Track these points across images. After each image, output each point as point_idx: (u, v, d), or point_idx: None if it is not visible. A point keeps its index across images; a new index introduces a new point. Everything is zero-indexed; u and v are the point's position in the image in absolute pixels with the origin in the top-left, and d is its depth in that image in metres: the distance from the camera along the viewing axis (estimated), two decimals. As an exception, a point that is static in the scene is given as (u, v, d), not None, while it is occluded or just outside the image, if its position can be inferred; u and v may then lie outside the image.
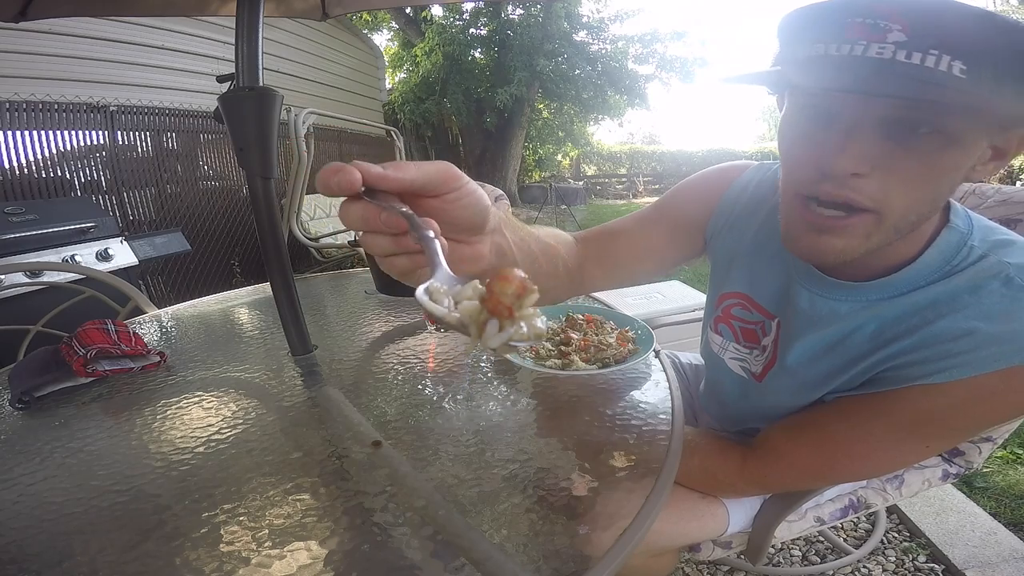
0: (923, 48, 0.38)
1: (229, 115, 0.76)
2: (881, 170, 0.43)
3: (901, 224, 0.45)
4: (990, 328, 0.44)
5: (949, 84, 0.38)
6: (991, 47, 0.38)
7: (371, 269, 1.19)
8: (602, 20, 10.15)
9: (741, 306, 0.68)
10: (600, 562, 0.40)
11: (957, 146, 0.42)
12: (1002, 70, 0.38)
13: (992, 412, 0.46)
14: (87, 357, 0.77)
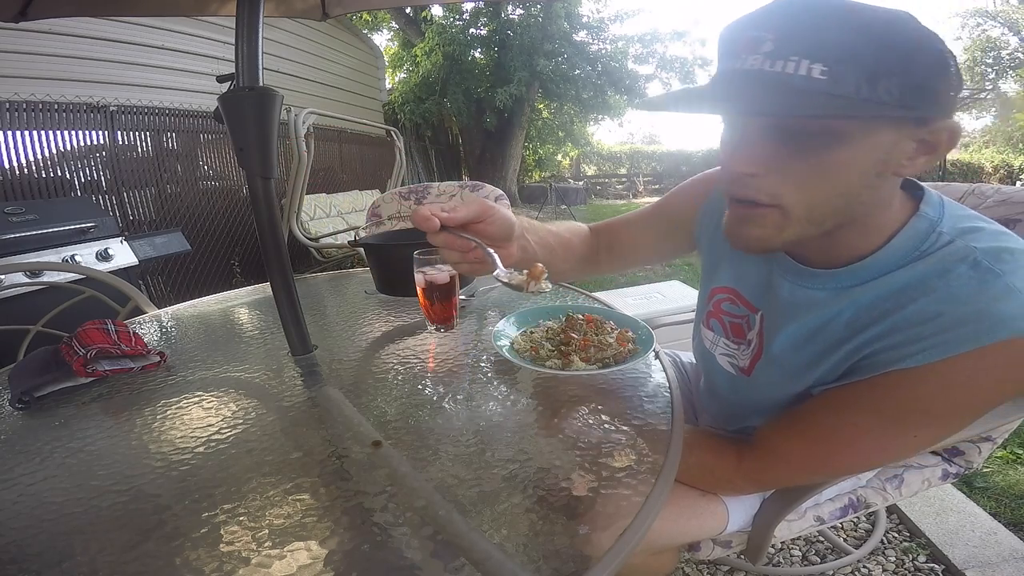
0: (785, 55, 0.41)
1: (229, 115, 0.76)
2: (774, 170, 0.47)
3: (813, 217, 0.48)
4: (958, 310, 0.44)
5: (808, 87, 0.41)
6: (852, 46, 0.40)
7: (371, 269, 1.19)
8: (602, 20, 10.15)
9: (730, 300, 0.70)
10: (600, 562, 0.40)
11: (845, 144, 0.44)
12: (870, 66, 0.40)
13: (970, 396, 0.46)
14: (87, 357, 0.77)
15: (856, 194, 0.48)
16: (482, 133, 10.43)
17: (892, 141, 0.45)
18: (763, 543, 0.73)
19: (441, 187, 1.91)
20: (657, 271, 3.97)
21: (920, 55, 0.41)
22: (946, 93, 0.43)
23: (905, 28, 0.41)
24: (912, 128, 0.45)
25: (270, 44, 2.70)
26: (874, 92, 0.40)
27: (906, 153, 0.46)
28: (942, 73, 0.42)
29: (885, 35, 0.40)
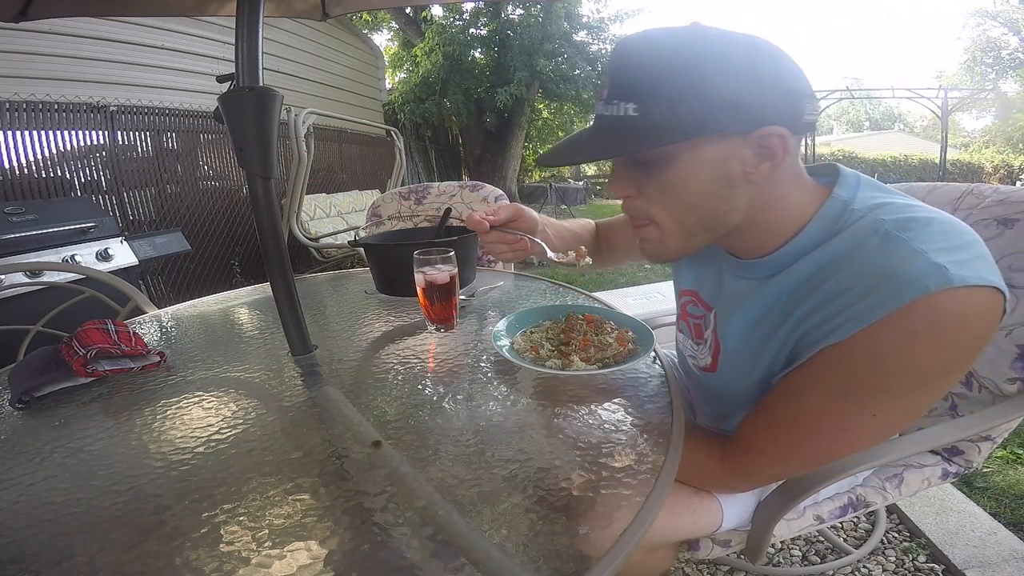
0: (612, 100, 0.50)
1: (229, 115, 0.76)
2: (641, 192, 0.56)
3: (685, 227, 0.56)
4: (870, 279, 0.47)
5: (626, 123, 0.50)
6: (653, 81, 0.48)
7: (371, 269, 1.19)
8: (602, 20, 10.15)
9: (692, 302, 0.75)
10: (600, 562, 0.40)
11: (674, 164, 0.51)
12: (669, 96, 0.47)
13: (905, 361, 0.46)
14: (87, 357, 0.77)
15: (713, 204, 0.54)
16: (482, 133, 10.43)
17: (722, 154, 0.50)
18: (762, 542, 0.73)
19: (441, 187, 1.91)
20: (657, 271, 3.97)
21: (718, 78, 0.47)
22: (761, 102, 0.48)
23: (701, 56, 0.47)
24: (739, 140, 0.50)
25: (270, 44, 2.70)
26: (676, 117, 0.47)
27: (747, 161, 0.51)
28: (752, 88, 0.47)
29: (678, 66, 0.47)
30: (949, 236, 0.47)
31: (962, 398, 0.82)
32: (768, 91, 0.48)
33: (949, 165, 12.29)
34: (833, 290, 0.50)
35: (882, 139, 20.78)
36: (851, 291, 0.48)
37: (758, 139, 0.49)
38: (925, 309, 0.43)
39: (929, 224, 0.47)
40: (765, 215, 0.56)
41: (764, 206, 0.55)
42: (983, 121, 22.05)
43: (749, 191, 0.53)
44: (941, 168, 9.68)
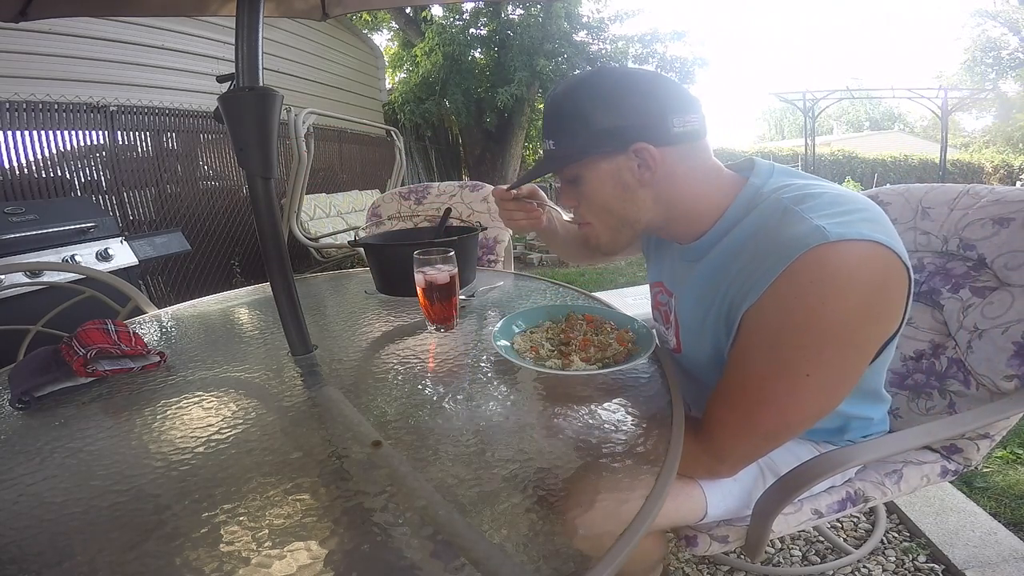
0: (544, 138, 0.70)
1: (229, 115, 0.77)
2: (576, 203, 0.73)
3: (612, 224, 0.71)
4: (768, 245, 0.56)
5: (550, 154, 0.69)
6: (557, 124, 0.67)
7: (371, 269, 1.19)
8: (602, 20, 10.15)
9: (661, 292, 0.83)
10: (600, 562, 0.40)
11: (584, 180, 0.68)
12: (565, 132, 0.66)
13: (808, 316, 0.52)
14: (87, 357, 0.77)
15: (620, 206, 0.68)
16: (482, 133, 10.42)
17: (613, 168, 0.65)
18: (761, 538, 0.73)
19: (441, 187, 1.92)
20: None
21: (592, 113, 0.63)
22: (627, 126, 0.62)
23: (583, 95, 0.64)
24: (620, 156, 0.64)
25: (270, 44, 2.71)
26: (574, 146, 0.65)
27: (633, 170, 0.65)
28: (616, 115, 0.62)
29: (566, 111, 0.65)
30: (837, 204, 0.56)
31: (960, 395, 0.82)
32: (635, 116, 0.62)
33: (949, 165, 12.29)
34: (747, 262, 0.59)
35: (882, 139, 20.78)
36: (756, 259, 0.57)
37: (634, 153, 0.63)
38: (810, 261, 0.51)
39: (821, 197, 0.57)
40: (680, 208, 0.68)
41: (673, 201, 0.67)
42: (983, 121, 22.05)
43: (648, 192, 0.67)
44: (941, 168, 9.68)
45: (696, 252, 0.71)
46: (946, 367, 0.84)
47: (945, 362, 0.85)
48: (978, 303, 0.81)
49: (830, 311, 0.51)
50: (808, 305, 0.51)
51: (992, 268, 0.81)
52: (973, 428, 0.73)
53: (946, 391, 0.84)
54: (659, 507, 0.47)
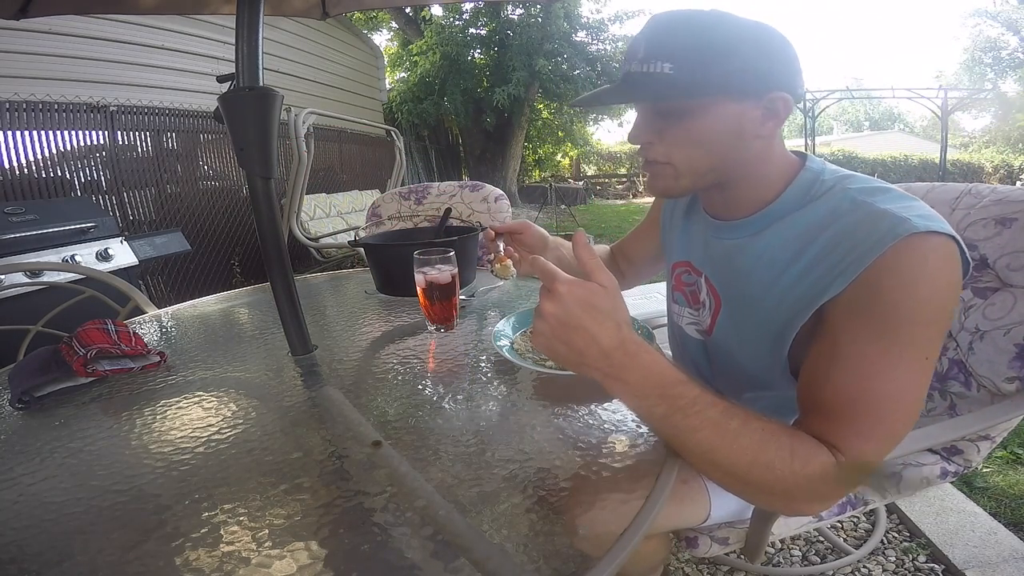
0: (649, 60, 0.59)
1: (229, 115, 0.77)
2: (661, 139, 0.63)
3: (697, 169, 0.64)
4: (850, 238, 0.55)
5: (662, 79, 0.58)
6: (688, 46, 0.57)
7: (371, 269, 1.19)
8: (601, 20, 10.15)
9: (686, 271, 0.80)
10: (600, 562, 0.40)
11: (697, 116, 0.60)
12: (701, 59, 0.56)
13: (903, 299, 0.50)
14: (87, 357, 0.77)
15: (723, 152, 0.62)
16: (482, 133, 10.43)
17: (738, 111, 0.59)
18: (761, 541, 0.73)
19: (441, 187, 1.92)
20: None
21: (739, 48, 0.56)
22: (774, 72, 0.58)
23: (727, 29, 0.57)
24: (750, 100, 0.59)
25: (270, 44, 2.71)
26: (705, 78, 0.56)
27: (755, 120, 0.60)
28: (764, 58, 0.57)
29: (710, 37, 0.57)
30: (905, 200, 0.56)
31: (961, 397, 0.82)
32: (778, 63, 0.58)
33: (949, 165, 12.29)
34: (820, 252, 0.58)
35: (882, 139, 20.79)
36: (836, 250, 0.56)
37: (768, 101, 0.59)
38: (905, 250, 0.50)
39: (889, 191, 0.58)
40: (755, 174, 0.65)
41: (756, 163, 0.64)
42: (983, 121, 22.04)
43: (755, 146, 0.62)
44: (941, 168, 9.69)
45: (749, 227, 0.67)
46: (947, 368, 0.84)
47: (946, 363, 0.85)
48: (980, 304, 0.81)
49: (929, 296, 0.50)
50: (912, 292, 0.50)
51: (994, 269, 0.81)
52: (974, 431, 0.73)
53: (947, 392, 0.84)
54: (660, 507, 0.47)
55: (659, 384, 0.49)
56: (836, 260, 0.55)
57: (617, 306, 0.49)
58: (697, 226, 0.78)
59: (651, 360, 0.49)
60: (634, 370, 0.48)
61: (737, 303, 0.71)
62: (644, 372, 0.48)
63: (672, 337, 0.90)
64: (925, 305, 0.50)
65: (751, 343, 0.69)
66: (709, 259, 0.75)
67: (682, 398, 0.48)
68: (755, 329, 0.67)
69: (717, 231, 0.72)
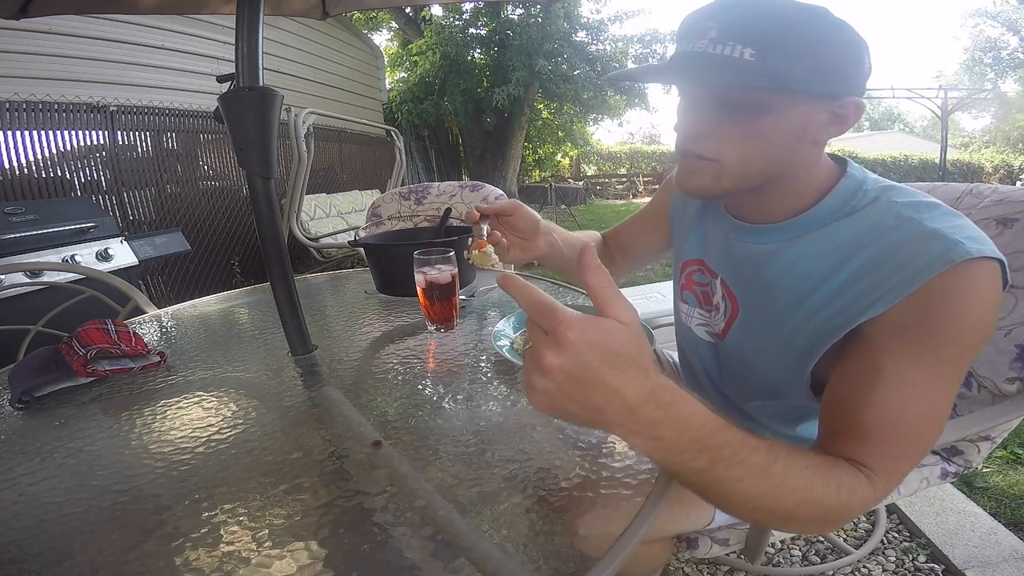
0: (725, 41, 0.52)
1: (229, 115, 0.77)
2: (715, 131, 0.57)
3: (746, 171, 0.58)
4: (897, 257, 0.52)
5: (740, 66, 0.51)
6: (776, 34, 0.50)
7: (371, 269, 1.19)
8: (601, 21, 10.15)
9: (699, 271, 0.76)
10: (600, 562, 0.40)
11: (769, 112, 0.54)
12: (788, 51, 0.50)
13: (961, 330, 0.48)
14: (87, 357, 0.77)
15: (779, 155, 0.57)
16: (482, 133, 10.42)
17: (808, 112, 0.54)
18: (761, 541, 0.73)
19: (441, 187, 1.91)
20: (657, 271, 3.97)
21: (830, 43, 0.51)
22: (854, 75, 0.53)
23: (819, 20, 0.51)
24: (825, 102, 0.54)
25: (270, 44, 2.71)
26: (790, 71, 0.50)
27: (821, 123, 0.55)
28: (850, 58, 0.52)
29: (801, 26, 0.51)
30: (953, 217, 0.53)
31: (961, 398, 0.82)
32: (859, 65, 0.53)
33: (949, 165, 12.29)
34: (861, 268, 0.54)
35: (882, 139, 20.78)
36: (879, 268, 0.52)
37: (840, 105, 0.54)
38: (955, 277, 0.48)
39: (937, 207, 0.54)
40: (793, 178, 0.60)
41: (798, 169, 0.59)
42: (983, 121, 22.04)
43: (810, 151, 0.58)
44: (941, 168, 9.69)
45: (774, 236, 0.63)
46: (946, 367, 0.84)
47: (945, 362, 0.85)
48: (978, 303, 0.81)
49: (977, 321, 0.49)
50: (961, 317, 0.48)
51: (993, 269, 0.81)
52: (975, 431, 0.73)
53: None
54: (660, 507, 0.47)
55: (698, 437, 0.40)
56: (879, 279, 0.52)
57: (642, 347, 0.38)
58: (716, 226, 0.73)
59: (689, 411, 0.40)
60: (668, 425, 0.39)
61: (758, 312, 0.66)
62: (681, 426, 0.39)
63: (680, 336, 0.86)
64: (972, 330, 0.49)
65: (769, 354, 0.65)
66: (729, 262, 0.70)
67: (725, 448, 0.41)
68: (776, 341, 0.63)
69: (741, 233, 0.68)
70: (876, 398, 0.50)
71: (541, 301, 0.37)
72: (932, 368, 0.49)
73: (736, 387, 0.76)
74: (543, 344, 0.37)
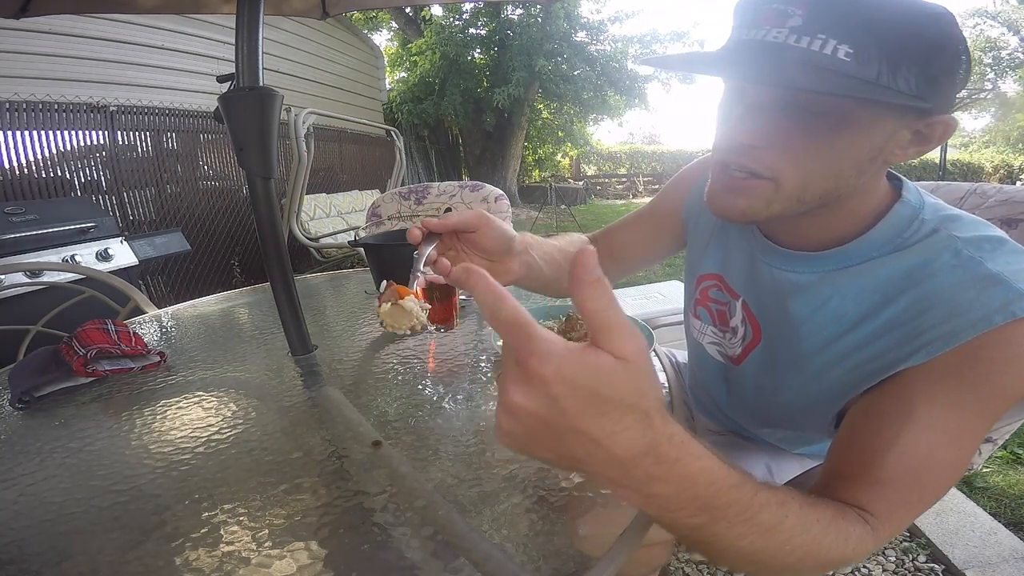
0: (812, 32, 0.41)
1: (229, 115, 0.77)
2: (777, 144, 0.46)
3: (803, 195, 0.48)
4: (949, 304, 0.45)
5: (833, 67, 0.41)
6: (880, 31, 0.40)
7: (371, 269, 1.19)
8: (601, 21, 10.16)
9: (716, 287, 0.69)
10: (600, 562, 0.40)
11: (852, 128, 0.45)
12: (895, 54, 0.41)
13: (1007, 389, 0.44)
14: (87, 357, 0.77)
15: (847, 177, 0.48)
16: (482, 133, 10.43)
17: (893, 129, 0.46)
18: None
19: (441, 187, 1.91)
20: (657, 271, 3.97)
21: (942, 51, 0.42)
22: (953, 91, 0.45)
23: (935, 21, 0.42)
24: (913, 119, 0.45)
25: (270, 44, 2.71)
26: (893, 80, 0.41)
27: (901, 142, 0.47)
28: (955, 72, 0.44)
29: (915, 26, 0.41)
30: (1019, 257, 0.46)
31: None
32: (960, 84, 0.45)
33: (949, 165, 12.30)
34: (904, 312, 0.48)
35: (882, 139, 20.70)
36: (929, 312, 0.46)
37: (927, 123, 0.46)
38: (1014, 330, 0.42)
39: (1003, 244, 0.47)
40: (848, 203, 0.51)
41: (865, 189, 0.50)
42: (983, 121, 22.04)
43: (874, 173, 0.49)
44: (941, 168, 9.69)
45: (811, 266, 0.55)
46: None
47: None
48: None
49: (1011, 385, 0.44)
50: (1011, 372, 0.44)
51: (996, 270, 0.80)
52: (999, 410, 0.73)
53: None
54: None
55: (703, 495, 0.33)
56: (927, 325, 0.45)
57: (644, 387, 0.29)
58: (740, 242, 0.65)
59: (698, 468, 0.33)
60: (668, 483, 0.32)
61: (780, 347, 0.60)
62: (684, 484, 0.32)
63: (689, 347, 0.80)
64: (1018, 384, 0.44)
65: (789, 392, 0.60)
66: (754, 285, 0.63)
67: (732, 507, 0.35)
68: (797, 380, 0.58)
69: (771, 256, 0.59)
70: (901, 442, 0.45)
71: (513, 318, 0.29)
72: (968, 418, 0.44)
73: (745, 413, 0.72)
74: (510, 377, 0.29)
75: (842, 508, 0.43)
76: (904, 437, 0.45)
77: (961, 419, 0.44)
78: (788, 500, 0.39)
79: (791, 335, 0.57)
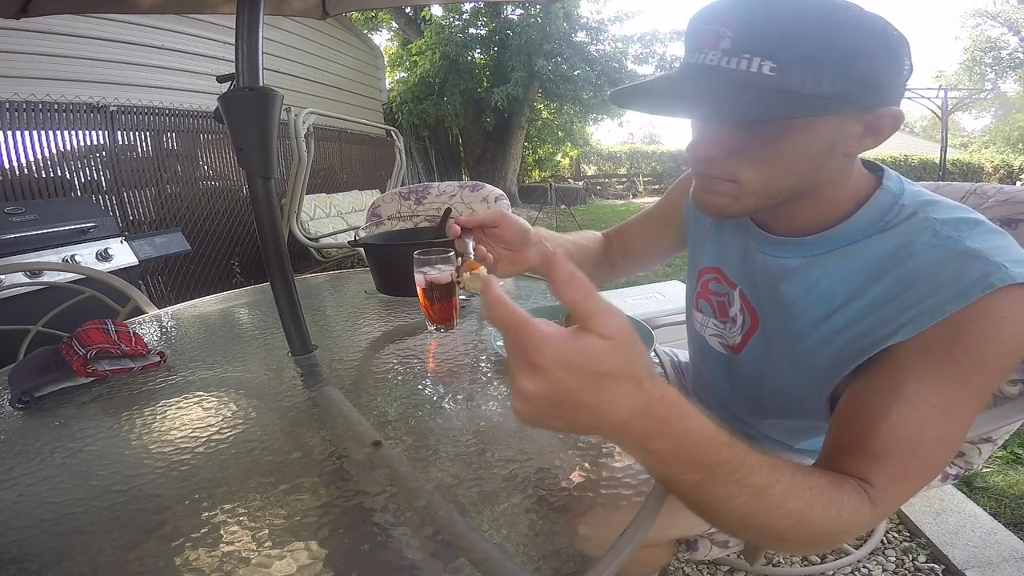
0: (739, 53, 0.45)
1: (229, 115, 0.77)
2: (733, 152, 0.51)
3: (769, 190, 0.53)
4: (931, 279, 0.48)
5: (760, 84, 0.44)
6: (799, 42, 0.44)
7: (371, 269, 1.19)
8: (601, 21, 10.16)
9: (716, 280, 0.73)
10: (600, 562, 0.40)
11: (793, 132, 0.48)
12: (816, 62, 0.43)
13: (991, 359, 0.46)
14: (87, 357, 0.77)
15: (806, 172, 0.52)
16: (482, 133, 10.43)
17: (838, 125, 0.49)
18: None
19: (441, 187, 1.91)
20: (657, 271, 3.98)
21: (865, 48, 0.44)
22: (892, 82, 0.47)
23: (851, 22, 0.44)
24: (857, 114, 0.48)
25: (270, 44, 2.71)
26: (819, 86, 0.44)
27: (854, 135, 0.50)
28: (888, 64, 0.46)
29: (831, 30, 0.44)
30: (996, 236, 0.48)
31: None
32: (895, 72, 0.47)
33: (949, 165, 12.30)
34: (889, 290, 0.51)
35: (882, 139, 20.72)
36: (912, 289, 0.49)
37: (875, 117, 0.48)
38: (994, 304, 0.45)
39: (979, 224, 0.49)
40: (820, 192, 0.55)
41: (837, 179, 0.54)
42: (983, 121, 22.06)
43: (840, 163, 0.52)
44: (941, 168, 9.70)
45: (798, 250, 0.59)
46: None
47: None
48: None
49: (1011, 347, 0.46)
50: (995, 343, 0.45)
51: (996, 270, 0.80)
52: (976, 433, 0.73)
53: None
54: (660, 507, 0.46)
55: (696, 452, 0.37)
56: (911, 301, 0.48)
57: (632, 358, 0.34)
58: (736, 233, 0.69)
59: (689, 426, 0.37)
60: (663, 438, 0.36)
61: (775, 330, 0.63)
62: (678, 440, 0.37)
63: (692, 344, 0.83)
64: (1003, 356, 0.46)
65: (786, 374, 0.62)
66: (748, 273, 0.66)
67: (723, 465, 0.38)
68: (791, 361, 0.60)
69: (762, 244, 0.63)
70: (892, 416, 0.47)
71: (511, 319, 0.33)
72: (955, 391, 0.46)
73: (748, 403, 0.73)
74: (517, 368, 0.34)
75: (838, 479, 0.45)
76: (895, 411, 0.47)
77: (949, 393, 0.46)
78: (780, 466, 0.42)
79: (784, 317, 0.60)
